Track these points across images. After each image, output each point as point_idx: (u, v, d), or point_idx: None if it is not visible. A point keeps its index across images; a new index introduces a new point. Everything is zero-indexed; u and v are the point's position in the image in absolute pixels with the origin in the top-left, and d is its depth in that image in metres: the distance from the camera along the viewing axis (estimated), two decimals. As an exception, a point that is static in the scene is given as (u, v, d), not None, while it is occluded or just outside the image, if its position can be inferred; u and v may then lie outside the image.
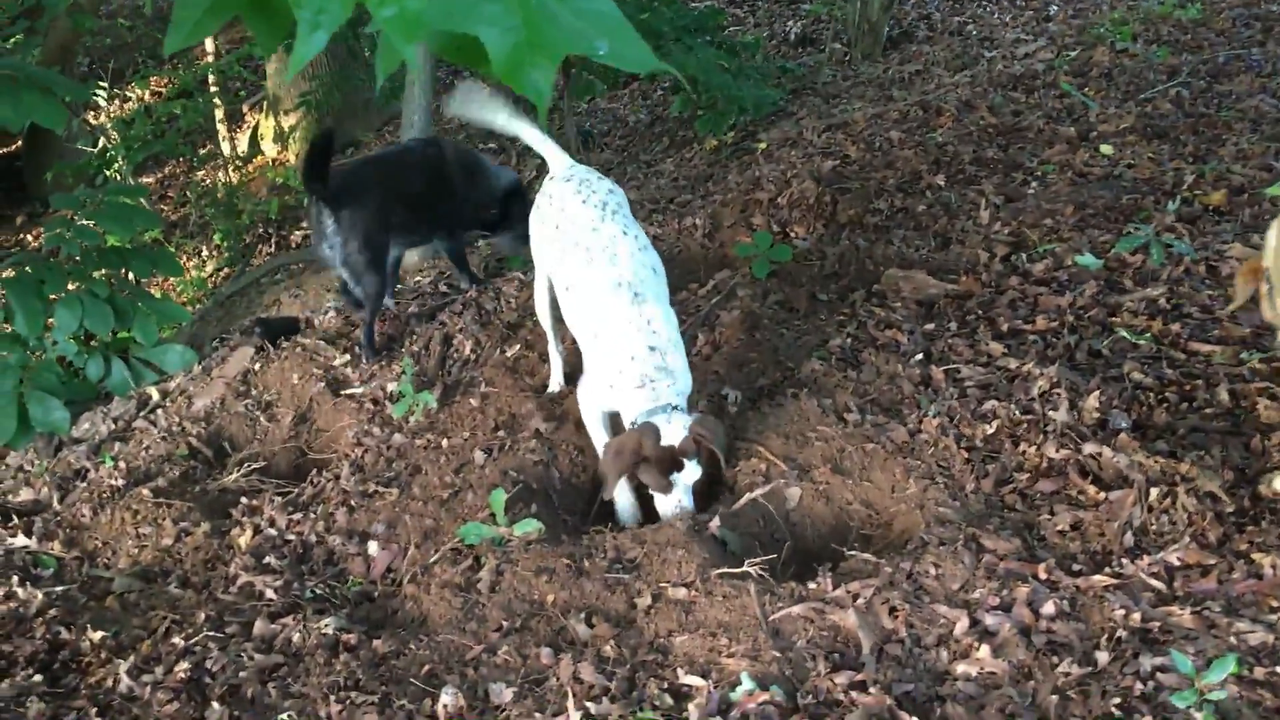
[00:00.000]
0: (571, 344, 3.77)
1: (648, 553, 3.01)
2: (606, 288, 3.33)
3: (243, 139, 9.97)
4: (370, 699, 2.65)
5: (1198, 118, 5.58)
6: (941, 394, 3.59)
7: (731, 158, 6.54)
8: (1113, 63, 6.65)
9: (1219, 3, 7.62)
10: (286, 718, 2.64)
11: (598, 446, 3.50)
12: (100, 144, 8.72)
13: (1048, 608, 2.58)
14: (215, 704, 2.71)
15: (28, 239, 9.14)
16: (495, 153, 8.05)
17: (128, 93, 10.46)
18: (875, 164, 5.72)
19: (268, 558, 3.38)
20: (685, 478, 3.20)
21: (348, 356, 4.48)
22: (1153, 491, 2.96)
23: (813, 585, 2.82)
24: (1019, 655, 2.47)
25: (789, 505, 3.26)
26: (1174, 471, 3.03)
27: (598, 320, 3.35)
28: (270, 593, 3.19)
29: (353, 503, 3.58)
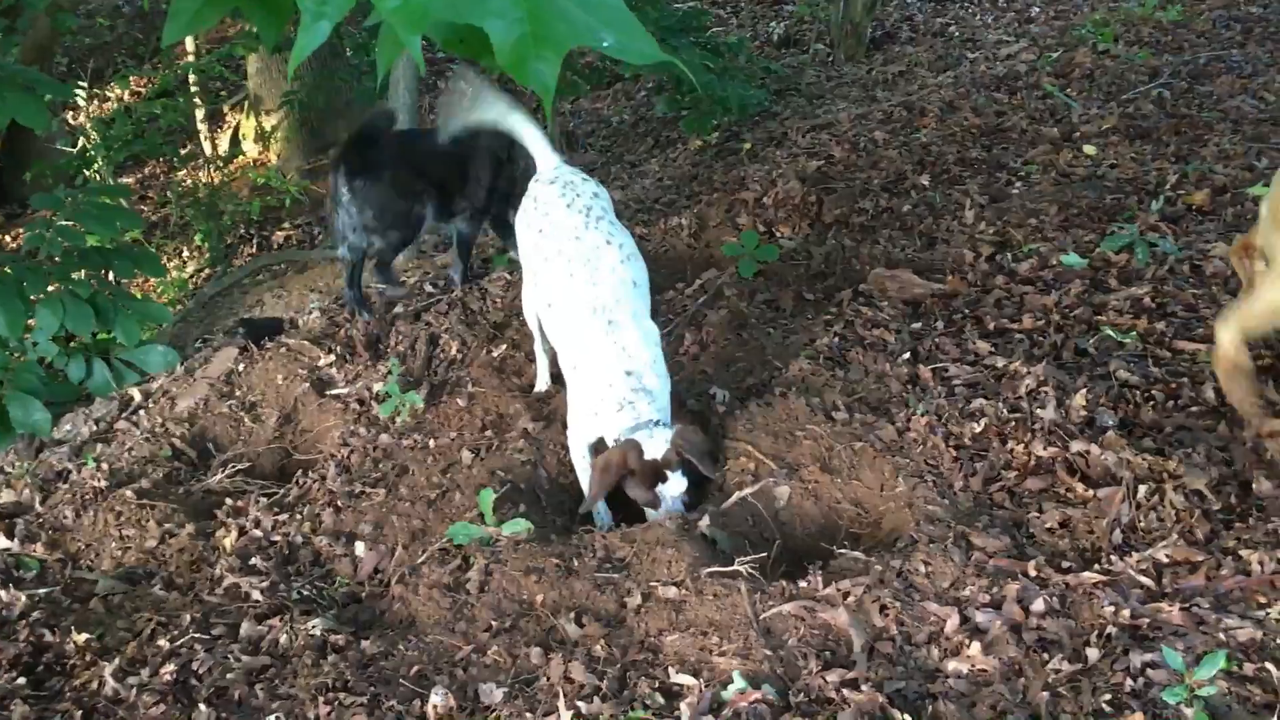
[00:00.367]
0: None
1: (637, 552, 3.00)
2: (584, 313, 3.35)
3: (224, 139, 9.89)
4: (359, 700, 2.63)
5: (1179, 118, 5.62)
6: (929, 393, 3.60)
7: (716, 158, 6.54)
8: (1094, 64, 6.69)
9: (1199, 5, 7.68)
10: (274, 719, 2.62)
11: (582, 480, 3.49)
12: (80, 144, 8.64)
13: (1038, 605, 2.59)
14: (202, 706, 2.68)
15: (7, 240, 9.05)
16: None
17: (107, 92, 10.37)
18: (860, 164, 5.73)
19: (254, 559, 3.35)
20: (670, 489, 3.22)
21: (332, 357, 4.46)
22: (1141, 489, 2.98)
23: (803, 584, 2.82)
24: (1009, 652, 2.48)
25: (778, 504, 3.26)
26: (1161, 469, 3.05)
27: (577, 350, 3.38)
28: (256, 594, 3.16)
29: (339, 503, 3.55)
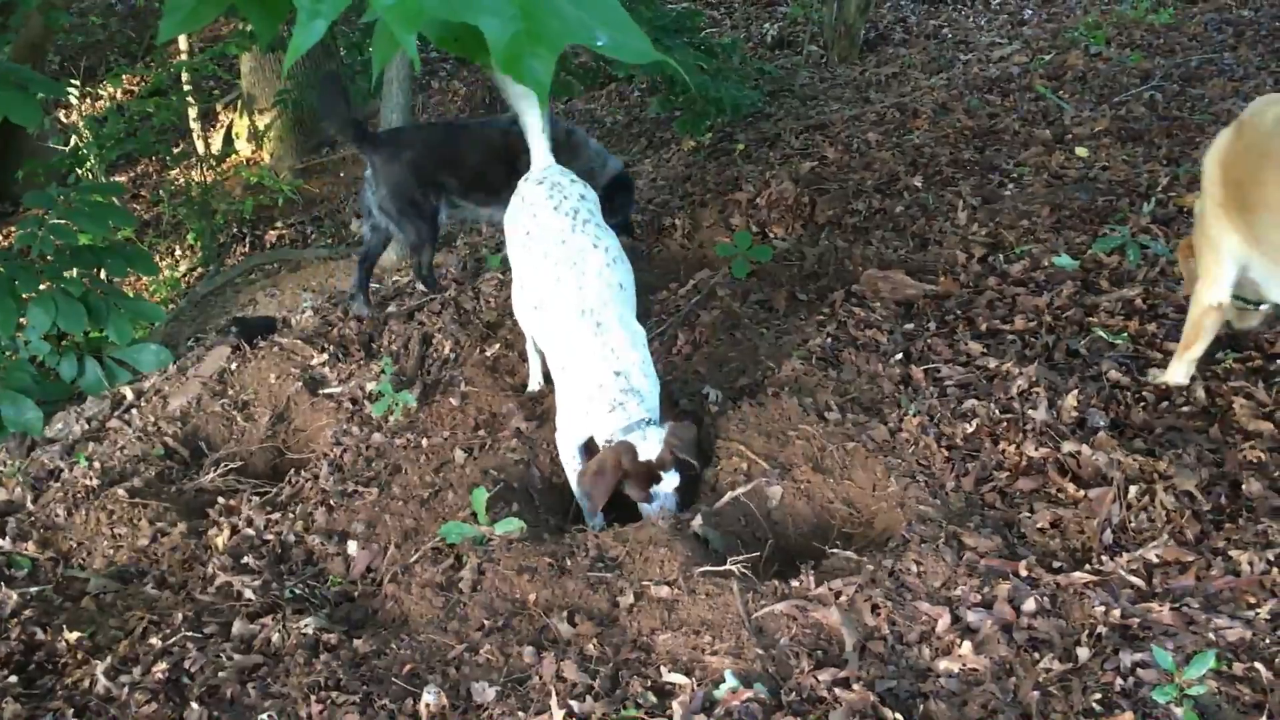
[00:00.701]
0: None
1: (630, 551, 3.01)
2: (571, 316, 3.36)
3: (217, 138, 9.87)
4: (351, 699, 2.63)
5: (1171, 121, 5.64)
6: (921, 393, 3.61)
7: (710, 159, 6.54)
8: (1087, 66, 6.72)
9: (1191, 8, 7.71)
10: (267, 718, 2.61)
11: (572, 481, 3.50)
12: (72, 142, 8.62)
13: (1029, 604, 2.60)
14: (194, 704, 2.68)
15: (-2, 237, 9.02)
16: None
17: (100, 90, 10.35)
18: (853, 165, 5.74)
19: (246, 558, 3.35)
20: (665, 487, 3.25)
21: (325, 356, 4.45)
22: (1131, 489, 2.99)
23: (795, 583, 2.82)
24: (1000, 652, 2.49)
25: (771, 504, 3.27)
26: (1152, 469, 3.06)
27: (565, 352, 3.39)
28: (249, 593, 3.16)
29: (332, 502, 3.55)
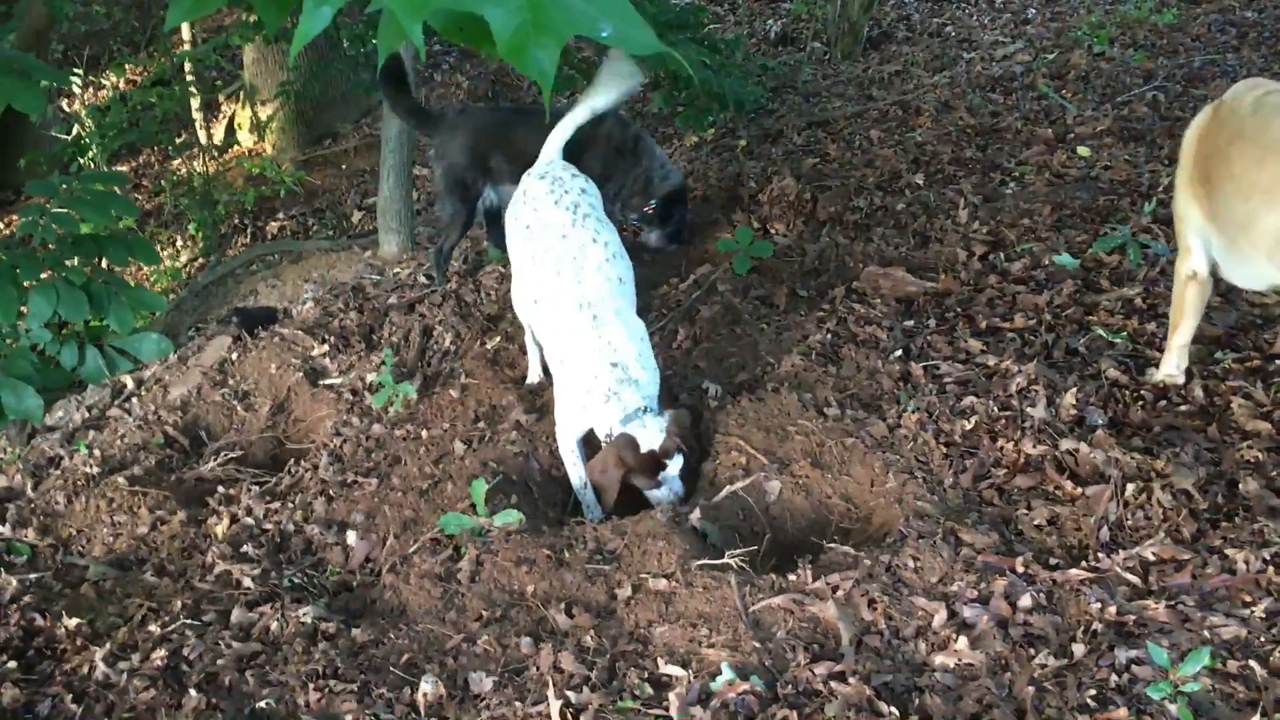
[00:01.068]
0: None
1: (628, 544, 3.02)
2: (570, 309, 3.39)
3: (219, 128, 9.86)
4: (349, 687, 2.64)
5: (1173, 121, 5.64)
6: (920, 390, 3.62)
7: (712, 154, 6.54)
8: (1090, 66, 6.72)
9: (1195, 9, 7.71)
10: (265, 705, 2.62)
11: (571, 475, 3.53)
12: (75, 131, 8.61)
13: (1025, 601, 2.61)
14: (192, 691, 2.69)
15: (0, 226, 9.02)
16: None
17: (103, 79, 10.34)
18: (855, 162, 5.75)
19: (245, 546, 3.35)
20: (670, 471, 3.30)
21: (326, 347, 4.46)
22: (1128, 487, 3.00)
23: (792, 577, 2.83)
24: (996, 647, 2.50)
25: (769, 498, 3.27)
26: (1149, 468, 3.07)
27: (563, 345, 3.42)
28: (248, 581, 3.17)
29: (331, 492, 3.56)
